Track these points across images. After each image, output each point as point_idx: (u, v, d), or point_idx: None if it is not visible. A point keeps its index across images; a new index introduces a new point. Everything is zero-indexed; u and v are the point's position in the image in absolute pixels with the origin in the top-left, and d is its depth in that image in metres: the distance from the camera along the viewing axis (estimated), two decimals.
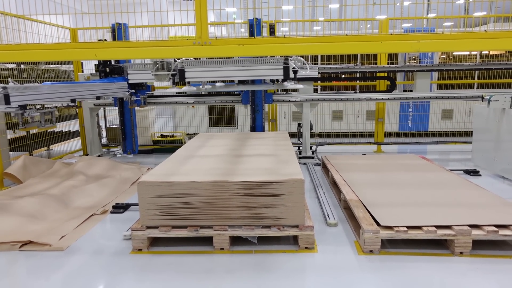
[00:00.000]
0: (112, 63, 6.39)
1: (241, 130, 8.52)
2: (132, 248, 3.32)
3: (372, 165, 5.24)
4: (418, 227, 3.20)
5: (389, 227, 3.21)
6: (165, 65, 4.58)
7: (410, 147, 7.66)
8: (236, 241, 3.38)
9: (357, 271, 2.92)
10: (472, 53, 8.53)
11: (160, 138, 7.48)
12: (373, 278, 2.83)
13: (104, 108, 7.74)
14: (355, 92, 6.62)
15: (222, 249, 3.26)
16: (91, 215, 4.11)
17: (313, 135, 8.54)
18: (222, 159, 4.00)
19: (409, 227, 3.20)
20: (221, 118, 8.55)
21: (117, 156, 7.32)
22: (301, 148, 6.67)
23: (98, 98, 5.79)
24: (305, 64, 4.56)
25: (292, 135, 6.80)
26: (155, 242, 3.42)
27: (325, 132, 8.46)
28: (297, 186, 3.20)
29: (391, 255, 3.16)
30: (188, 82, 4.70)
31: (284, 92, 6.63)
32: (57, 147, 8.07)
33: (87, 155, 7.02)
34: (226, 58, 4.23)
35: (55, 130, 7.27)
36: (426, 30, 8.29)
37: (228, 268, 3.00)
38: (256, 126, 6.57)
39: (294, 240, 3.36)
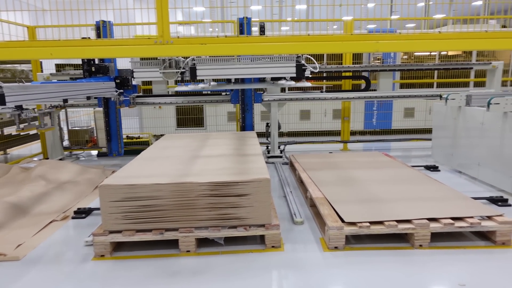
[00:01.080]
0: (97, 61, 6.16)
1: (210, 130, 8.46)
2: (94, 254, 3.21)
3: (337, 163, 5.35)
4: (380, 222, 3.30)
5: (353, 223, 3.29)
6: (174, 63, 4.62)
7: (375, 145, 7.89)
8: (202, 242, 3.35)
9: (322, 268, 2.97)
10: (432, 53, 8.90)
11: (125, 140, 7.29)
12: (338, 274, 2.89)
13: (66, 110, 7.44)
14: (321, 92, 6.74)
15: (188, 251, 3.22)
16: (50, 222, 3.94)
17: (281, 134, 8.62)
18: (188, 160, 3.95)
19: (371, 223, 3.29)
20: (189, 118, 8.45)
21: (80, 159, 7.06)
22: (269, 147, 6.70)
23: (88, 98, 5.62)
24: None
25: (261, 134, 6.84)
26: (118, 247, 3.32)
27: (294, 132, 8.56)
28: (263, 186, 3.21)
29: (355, 250, 3.24)
30: (187, 81, 4.66)
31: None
32: (15, 151, 7.69)
33: (47, 158, 6.72)
34: (239, 56, 4.20)
35: (12, 133, 6.92)
36: (391, 30, 8.57)
37: (194, 271, 2.97)
38: (246, 125, 6.56)
39: (261, 239, 3.38)
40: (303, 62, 4.74)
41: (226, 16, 18.61)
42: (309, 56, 4.84)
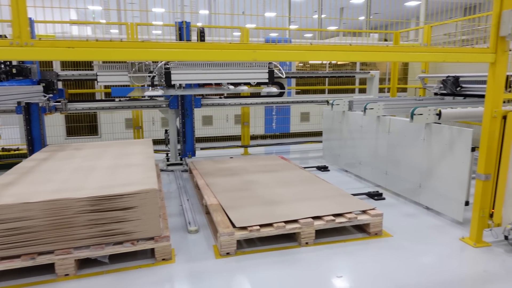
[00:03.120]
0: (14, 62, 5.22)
1: (105, 139, 7.89)
2: None
3: (236, 168, 5.43)
4: (270, 225, 3.42)
5: (244, 228, 3.35)
6: (143, 67, 4.58)
7: (276, 148, 8.23)
8: (85, 263, 3.07)
9: (213, 275, 2.96)
10: (323, 62, 9.66)
11: (0, 153, 6.38)
12: (227, 280, 2.90)
13: None
14: (220, 98, 6.79)
15: (67, 275, 2.92)
16: None
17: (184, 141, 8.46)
18: (69, 173, 3.59)
19: (262, 226, 3.39)
20: (81, 126, 7.77)
21: None
22: (169, 155, 6.51)
23: (19, 103, 4.77)
24: None
25: (161, 142, 6.61)
26: None
27: (196, 137, 8.46)
28: (150, 197, 3.08)
29: (247, 254, 3.30)
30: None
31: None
32: None
33: None
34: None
35: None
36: (286, 40, 9.05)
37: None
38: (186, 131, 6.40)
39: (152, 253, 3.23)
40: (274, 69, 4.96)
41: (127, 18, 17.71)
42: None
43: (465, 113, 4.11)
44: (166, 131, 6.47)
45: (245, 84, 5.26)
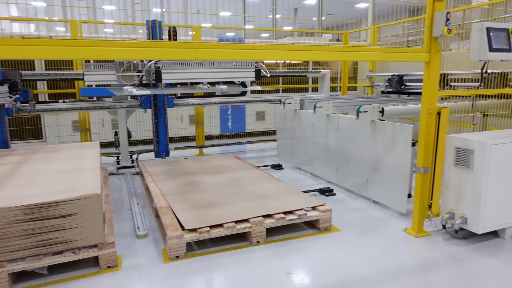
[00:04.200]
0: None
1: (51, 142, 7.46)
2: None
3: (189, 169, 5.34)
4: (221, 225, 3.39)
5: (194, 230, 3.30)
6: (132, 66, 4.53)
7: (232, 148, 8.21)
8: (21, 277, 2.87)
9: (161, 280, 2.87)
10: (278, 62, 9.76)
11: None
12: (177, 284, 2.83)
13: None
14: (174, 98, 6.65)
15: None
16: None
17: (136, 142, 8.21)
18: (5, 180, 3.34)
19: (212, 227, 3.35)
20: (23, 130, 7.29)
21: None
22: (120, 157, 6.28)
23: None
24: None
25: (113, 144, 6.36)
26: None
27: (150, 139, 8.24)
28: (92, 202, 2.93)
29: (197, 256, 3.25)
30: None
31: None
32: None
33: None
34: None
35: None
36: (240, 39, 9.06)
37: None
38: (160, 131, 6.25)
39: (97, 261, 3.08)
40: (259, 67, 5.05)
41: (73, 15, 16.87)
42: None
43: (405, 110, 4.31)
44: (115, 133, 6.23)
45: (225, 83, 5.37)
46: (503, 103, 4.88)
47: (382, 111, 4.19)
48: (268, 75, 5.36)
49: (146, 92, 4.78)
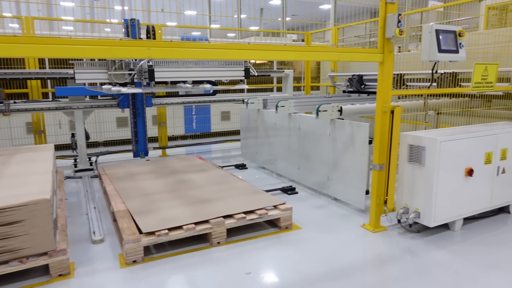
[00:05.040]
0: None
1: (2, 145, 7.03)
2: None
3: (150, 170, 5.22)
4: (180, 227, 3.33)
5: (152, 233, 3.22)
6: (123, 65, 4.57)
7: (197, 148, 8.11)
8: None
9: (116, 287, 2.78)
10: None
11: None
12: None
13: None
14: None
15: None
16: None
17: (96, 144, 7.93)
18: None
19: (171, 229, 3.28)
20: None
21: None
22: (78, 160, 6.03)
23: None
24: None
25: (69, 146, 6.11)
26: None
27: (111, 140, 7.99)
28: (41, 208, 2.79)
29: (156, 260, 3.17)
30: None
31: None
32: None
33: None
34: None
35: None
36: (207, 39, 8.96)
37: None
38: (138, 131, 6.20)
39: (47, 269, 2.93)
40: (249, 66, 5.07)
41: (31, 12, 16.05)
42: None
43: (363, 109, 4.43)
44: (72, 134, 5.98)
45: (208, 82, 5.38)
46: (454, 102, 5.12)
47: (340, 110, 4.28)
48: (256, 74, 5.44)
49: (138, 90, 4.77)
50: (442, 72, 5.12)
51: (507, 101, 4.89)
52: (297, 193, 4.92)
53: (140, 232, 3.23)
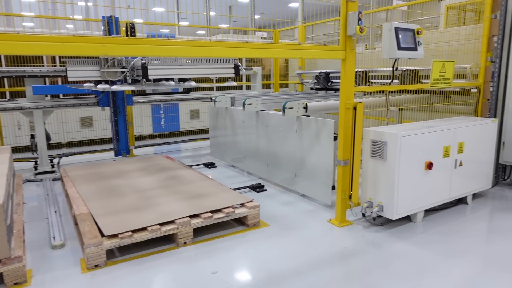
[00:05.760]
0: None
1: None
2: None
3: (115, 171, 5.07)
4: (144, 229, 3.25)
5: (115, 236, 3.12)
6: (116, 62, 4.59)
7: (166, 147, 7.97)
8: None
9: None
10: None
11: None
12: None
13: None
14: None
15: None
16: None
17: (59, 145, 7.64)
18: None
19: (135, 231, 3.20)
20: None
21: None
22: (38, 162, 5.77)
23: None
24: None
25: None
26: None
27: (75, 141, 7.71)
28: None
29: (120, 263, 3.08)
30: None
31: None
32: None
33: None
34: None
35: None
36: (172, 36, 8.78)
37: None
38: (119, 129, 6.19)
39: (1, 278, 2.78)
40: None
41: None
42: None
43: (327, 105, 4.49)
44: (32, 136, 5.72)
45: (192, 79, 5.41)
46: (416, 98, 5.30)
47: (306, 107, 4.32)
48: (244, 72, 5.46)
49: (130, 87, 4.76)
50: (404, 69, 5.29)
51: (465, 96, 5.11)
52: (265, 190, 4.93)
53: (103, 235, 3.12)
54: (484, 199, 4.53)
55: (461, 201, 4.38)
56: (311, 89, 7.12)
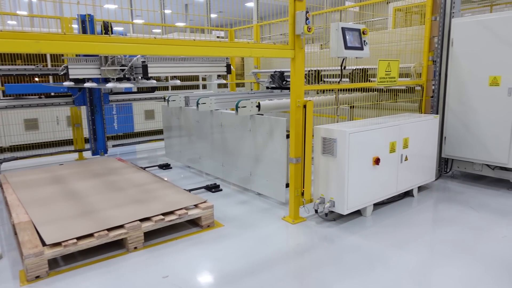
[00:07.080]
0: None
1: None
2: None
3: (62, 176, 4.80)
4: (91, 235, 3.10)
5: (58, 244, 2.95)
6: (115, 61, 4.65)
7: (120, 149, 7.68)
8: None
9: None
10: None
11: None
12: None
13: None
14: (40, 97, 5.91)
15: None
16: None
17: (0, 150, 7.12)
18: None
19: (80, 238, 3.05)
20: None
21: None
22: None
23: None
24: None
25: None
26: None
27: (18, 145, 7.23)
28: None
29: (63, 273, 2.92)
30: None
31: None
32: None
33: None
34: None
35: None
36: (124, 33, 8.47)
37: None
38: (97, 128, 6.11)
39: None
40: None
41: None
42: None
43: (280, 104, 4.54)
44: None
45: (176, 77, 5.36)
46: (365, 96, 5.49)
47: (258, 106, 4.33)
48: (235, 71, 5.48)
49: (128, 85, 4.76)
50: (354, 68, 5.45)
51: (410, 94, 5.37)
52: (221, 190, 4.90)
53: (45, 244, 2.94)
54: (429, 191, 4.79)
55: (408, 194, 4.60)
56: (267, 88, 7.16)
